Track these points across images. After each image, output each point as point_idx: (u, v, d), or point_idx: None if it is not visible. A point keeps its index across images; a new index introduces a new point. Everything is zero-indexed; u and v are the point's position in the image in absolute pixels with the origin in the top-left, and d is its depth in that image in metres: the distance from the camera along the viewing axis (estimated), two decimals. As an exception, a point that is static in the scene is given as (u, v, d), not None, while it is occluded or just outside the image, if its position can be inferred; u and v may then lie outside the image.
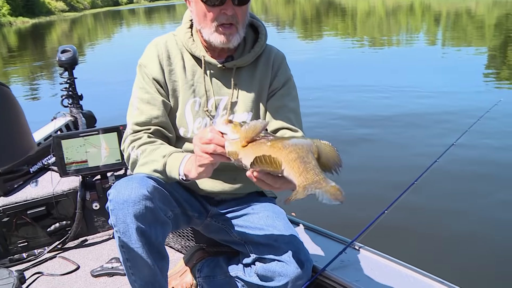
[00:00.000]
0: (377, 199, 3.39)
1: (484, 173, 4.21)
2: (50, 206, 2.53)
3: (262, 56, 1.75)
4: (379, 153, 4.90)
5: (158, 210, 1.52)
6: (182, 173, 1.45)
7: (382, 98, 7.28)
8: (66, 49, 3.28)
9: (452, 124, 5.51)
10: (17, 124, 0.90)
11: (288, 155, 1.12)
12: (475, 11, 26.28)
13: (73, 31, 38.76)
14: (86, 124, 3.25)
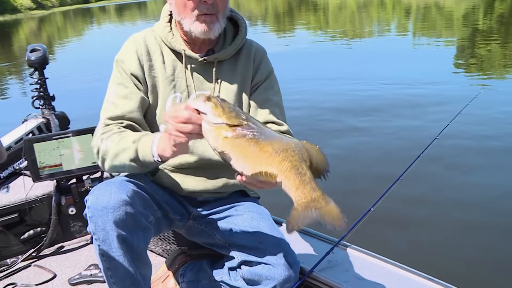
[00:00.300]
0: (362, 196, 3.36)
1: (469, 165, 4.22)
2: (23, 213, 2.43)
3: (243, 49, 1.72)
4: (360, 148, 4.86)
5: (139, 215, 1.46)
6: (156, 154, 1.36)
7: (357, 90, 7.30)
8: (35, 48, 3.16)
9: (432, 116, 5.50)
10: None
11: (281, 164, 1.10)
12: (444, 4, 26.74)
13: (42, 30, 37.84)
14: (59, 126, 3.14)
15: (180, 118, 1.19)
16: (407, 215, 3.41)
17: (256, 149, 1.11)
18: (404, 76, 8.05)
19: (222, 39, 1.71)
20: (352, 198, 3.53)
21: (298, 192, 1.10)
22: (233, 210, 1.75)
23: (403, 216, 3.38)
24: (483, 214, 3.39)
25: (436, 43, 12.26)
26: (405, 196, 3.41)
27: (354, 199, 3.44)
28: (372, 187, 3.58)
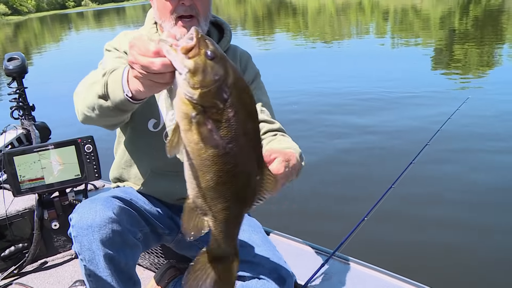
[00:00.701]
0: (355, 206, 3.34)
1: (462, 171, 4.19)
2: (3, 228, 2.35)
3: (228, 53, 1.73)
4: (351, 157, 4.79)
5: (126, 233, 1.41)
6: (127, 89, 1.13)
7: (342, 99, 7.21)
8: (13, 56, 3.07)
9: (420, 123, 5.46)
10: None
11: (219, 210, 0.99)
12: (421, 7, 27.15)
13: (18, 36, 37.22)
14: (40, 137, 3.05)
15: (148, 52, 0.94)
16: (401, 225, 3.37)
17: (207, 161, 0.92)
18: (385, 78, 8.10)
19: None
20: (344, 210, 3.51)
21: (216, 242, 1.04)
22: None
23: (397, 225, 3.34)
24: (480, 225, 3.35)
25: (414, 45, 12.43)
26: (398, 205, 3.37)
27: (346, 211, 3.42)
28: (364, 199, 3.50)
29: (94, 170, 2.20)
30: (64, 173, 2.26)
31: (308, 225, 3.29)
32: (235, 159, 0.92)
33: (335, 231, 2.76)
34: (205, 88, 0.87)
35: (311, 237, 1.87)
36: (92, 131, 2.24)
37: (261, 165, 0.99)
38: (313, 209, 3.64)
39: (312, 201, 3.77)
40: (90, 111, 1.30)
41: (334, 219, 3.38)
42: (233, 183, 0.94)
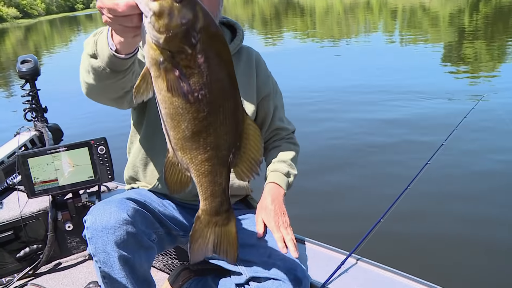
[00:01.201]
0: (372, 207, 3.30)
1: (478, 172, 4.13)
2: (18, 230, 2.36)
3: (242, 52, 1.79)
4: (366, 160, 4.73)
5: (141, 235, 1.40)
6: (111, 43, 1.10)
7: (356, 100, 7.15)
8: (26, 59, 3.09)
9: (436, 123, 5.36)
10: None
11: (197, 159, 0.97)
12: (429, 6, 26.99)
13: (29, 39, 37.54)
14: (52, 138, 3.06)
15: (109, 2, 0.90)
16: (418, 226, 3.32)
17: (180, 109, 0.89)
18: (394, 82, 8.01)
19: None
20: (360, 211, 3.48)
21: (206, 202, 1.05)
22: (237, 223, 1.71)
23: (414, 227, 3.29)
24: (497, 224, 3.30)
25: (423, 44, 12.35)
26: (414, 206, 3.32)
27: (362, 212, 3.39)
28: (380, 200, 3.44)
29: (107, 172, 2.20)
30: (77, 174, 2.27)
31: (324, 226, 3.27)
32: (208, 106, 0.89)
33: (351, 232, 2.74)
34: (171, 32, 0.83)
35: (327, 238, 1.86)
36: (105, 133, 2.25)
37: (241, 115, 0.96)
38: (328, 210, 3.63)
39: (328, 202, 3.75)
40: (87, 75, 1.27)
41: (350, 220, 3.36)
42: (210, 132, 0.92)
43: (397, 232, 3.08)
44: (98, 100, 1.39)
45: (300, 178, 1.80)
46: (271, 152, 1.86)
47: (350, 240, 1.75)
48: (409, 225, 3.25)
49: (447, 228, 3.28)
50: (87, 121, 6.69)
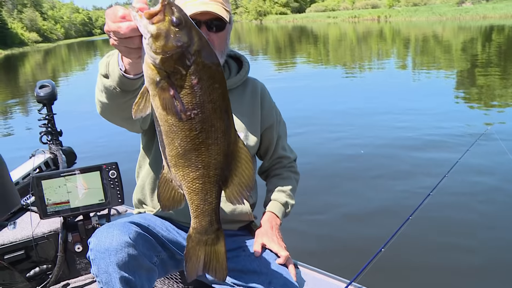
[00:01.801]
0: (373, 236, 3.32)
1: (481, 204, 4.12)
2: (29, 249, 2.42)
3: (248, 84, 1.88)
4: (370, 187, 4.74)
5: (142, 257, 1.46)
6: (121, 64, 1.19)
7: (363, 126, 7.22)
8: (44, 84, 3.21)
9: (441, 153, 5.42)
10: (1, 179, 0.86)
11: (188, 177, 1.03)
12: (442, 36, 27.14)
13: (47, 62, 38.38)
14: (66, 161, 3.16)
15: (113, 25, 0.98)
16: (419, 256, 3.32)
17: (174, 127, 0.95)
18: (405, 110, 8.08)
19: (228, 73, 1.84)
20: (361, 240, 3.49)
21: (196, 220, 1.09)
22: (240, 250, 1.75)
23: (415, 257, 3.29)
24: (499, 253, 3.30)
25: (436, 74, 12.41)
26: (416, 236, 3.32)
27: (364, 241, 3.40)
28: (382, 229, 3.44)
29: (117, 196, 2.26)
30: (89, 197, 2.33)
31: (325, 253, 3.28)
32: (201, 125, 0.95)
33: (352, 259, 2.76)
34: (167, 53, 0.90)
35: (328, 266, 1.89)
36: (117, 157, 2.32)
37: (233, 137, 1.01)
38: (330, 238, 3.64)
39: (329, 230, 3.77)
40: (100, 94, 1.35)
41: (352, 247, 3.37)
42: (201, 150, 0.98)
43: (398, 262, 3.08)
44: (111, 119, 1.47)
45: (303, 203, 1.85)
46: (272, 179, 1.97)
47: (351, 267, 1.77)
48: (410, 255, 3.25)
49: (449, 259, 3.27)
50: (100, 145, 6.81)
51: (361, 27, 46.42)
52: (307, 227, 3.63)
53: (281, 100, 1.93)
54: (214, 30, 1.60)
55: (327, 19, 74.28)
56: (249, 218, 1.85)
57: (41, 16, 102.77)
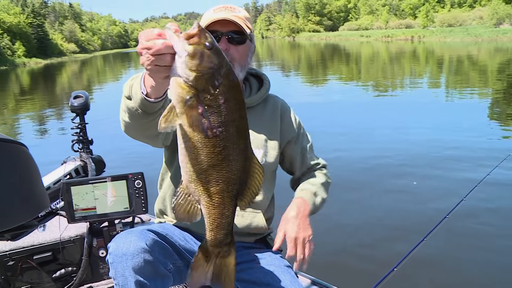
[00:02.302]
0: (387, 256, 3.31)
1: (496, 228, 4.07)
2: (57, 252, 2.53)
3: (268, 101, 1.91)
4: (385, 206, 4.74)
5: (157, 263, 1.51)
6: (143, 87, 1.27)
7: (387, 144, 7.24)
8: (78, 95, 3.36)
9: (461, 175, 5.38)
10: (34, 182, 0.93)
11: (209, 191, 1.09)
12: (477, 57, 26.67)
13: (83, 73, 39.51)
14: (95, 169, 3.28)
15: (149, 42, 1.05)
16: (431, 278, 3.29)
17: (199, 144, 1.02)
18: (437, 130, 8.02)
19: (249, 90, 1.89)
20: (375, 259, 3.49)
21: (212, 233, 1.13)
22: (255, 262, 1.79)
23: (427, 278, 3.26)
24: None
25: (470, 96, 12.22)
26: (429, 258, 3.31)
27: (377, 260, 3.39)
28: (396, 249, 3.49)
29: (142, 204, 2.34)
30: (115, 205, 2.42)
31: (339, 270, 3.28)
32: (224, 142, 1.02)
33: (365, 279, 2.75)
34: (200, 72, 0.98)
35: (341, 282, 1.91)
36: (142, 168, 2.41)
37: (249, 154, 1.08)
38: (344, 255, 3.65)
39: (344, 247, 3.78)
40: (124, 114, 1.45)
41: (365, 266, 3.37)
42: (223, 166, 1.04)
43: (411, 282, 3.06)
44: (134, 137, 1.57)
45: (319, 217, 1.86)
46: (303, 179, 1.96)
47: (363, 285, 1.80)
48: (423, 275, 3.23)
49: (463, 283, 3.24)
50: (128, 155, 7.00)
51: (394, 46, 46.08)
52: (321, 241, 3.63)
53: (308, 115, 1.96)
54: (234, 43, 1.67)
55: (360, 38, 74.07)
56: (264, 231, 1.89)
57: (80, 28, 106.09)
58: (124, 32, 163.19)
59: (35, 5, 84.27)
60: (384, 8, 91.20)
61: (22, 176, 0.90)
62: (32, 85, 29.60)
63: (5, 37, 63.33)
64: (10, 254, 2.42)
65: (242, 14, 1.70)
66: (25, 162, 0.90)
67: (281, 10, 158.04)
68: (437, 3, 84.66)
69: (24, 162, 0.90)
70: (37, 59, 68.52)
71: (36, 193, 0.94)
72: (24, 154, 0.91)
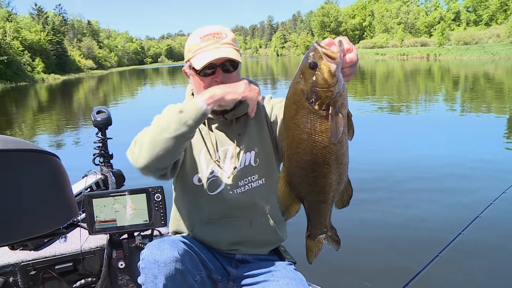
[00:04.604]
0: (400, 271, 3.31)
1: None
2: (77, 262, 2.59)
3: (259, 107, 1.90)
4: (401, 222, 4.75)
5: (187, 273, 1.57)
6: (203, 102, 1.53)
7: (400, 162, 7.24)
8: (101, 110, 3.45)
9: (476, 194, 5.36)
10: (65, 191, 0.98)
11: None
12: (494, 75, 26.49)
13: (99, 89, 40.10)
14: (115, 183, 3.35)
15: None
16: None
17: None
18: (452, 148, 8.00)
19: None
20: (388, 273, 3.49)
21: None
22: (269, 274, 1.83)
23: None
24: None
25: (486, 115, 12.15)
26: (443, 275, 3.28)
27: (391, 275, 3.40)
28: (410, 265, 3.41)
29: (161, 218, 2.39)
30: (134, 217, 2.47)
31: (354, 285, 3.29)
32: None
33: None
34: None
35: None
36: (162, 182, 2.47)
37: None
38: (359, 269, 3.64)
39: (359, 261, 3.77)
40: (153, 141, 1.56)
41: (379, 281, 3.37)
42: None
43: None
44: (148, 169, 1.66)
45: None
46: None
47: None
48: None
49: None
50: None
51: (410, 64, 46.03)
52: (335, 256, 3.64)
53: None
54: (230, 71, 1.72)
55: (375, 56, 74.17)
56: (276, 237, 1.91)
57: (97, 45, 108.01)
58: (140, 49, 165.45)
59: (55, 22, 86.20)
60: (399, 26, 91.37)
61: (55, 185, 0.97)
62: (50, 100, 30.12)
63: (26, 53, 64.82)
64: (32, 264, 2.49)
65: (229, 38, 1.73)
66: (58, 172, 0.97)
67: (296, 28, 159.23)
68: (453, 21, 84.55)
69: (57, 172, 0.97)
70: (55, 75, 69.90)
71: (67, 201, 1.01)
72: (57, 164, 0.98)
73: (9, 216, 0.82)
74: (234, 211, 1.81)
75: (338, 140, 1.12)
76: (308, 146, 1.13)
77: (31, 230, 0.88)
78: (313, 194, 1.22)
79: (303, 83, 1.11)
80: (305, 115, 1.11)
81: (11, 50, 60.02)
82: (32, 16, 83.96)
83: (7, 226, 0.83)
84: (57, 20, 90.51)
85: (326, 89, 1.09)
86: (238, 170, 1.82)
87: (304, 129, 1.12)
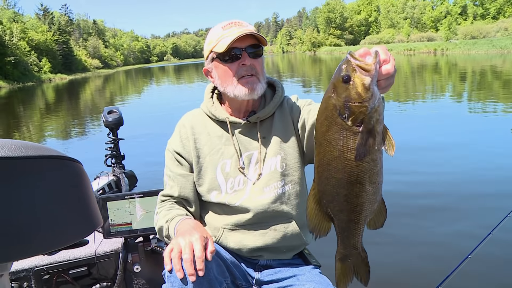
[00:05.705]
0: (428, 275, 3.23)
1: None
2: (92, 266, 2.55)
3: (283, 104, 1.85)
4: (425, 225, 4.60)
5: (214, 281, 1.51)
6: None
7: (416, 162, 7.08)
8: (112, 110, 3.39)
9: (503, 190, 5.22)
10: (89, 199, 0.94)
11: None
12: (502, 69, 26.27)
13: (106, 88, 40.21)
14: (128, 184, 3.31)
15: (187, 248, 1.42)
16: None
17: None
18: (460, 146, 7.88)
19: (263, 101, 1.85)
20: (416, 277, 3.42)
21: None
22: (294, 279, 1.77)
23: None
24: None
25: (493, 110, 12.01)
26: (474, 276, 3.19)
27: (418, 279, 3.33)
28: (437, 268, 3.36)
29: (177, 220, 2.35)
30: (149, 220, 2.42)
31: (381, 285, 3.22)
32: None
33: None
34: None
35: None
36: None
37: None
38: (385, 274, 3.56)
39: (384, 266, 3.70)
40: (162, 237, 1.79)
41: (409, 283, 3.30)
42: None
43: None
44: None
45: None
46: None
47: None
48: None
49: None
50: (158, 171, 7.04)
51: (416, 60, 45.78)
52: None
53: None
54: (254, 56, 1.68)
55: (381, 51, 73.49)
56: (301, 242, 1.84)
57: (103, 44, 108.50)
58: (146, 48, 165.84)
59: (61, 22, 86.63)
60: (406, 21, 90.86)
61: (79, 193, 0.90)
62: (58, 100, 30.23)
63: (32, 54, 65.22)
64: (47, 268, 2.45)
65: (251, 28, 1.72)
66: (81, 178, 0.90)
67: (301, 24, 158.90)
68: (459, 16, 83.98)
69: (80, 178, 0.90)
70: (62, 74, 70.42)
71: (91, 210, 0.94)
72: (80, 171, 0.91)
73: (32, 228, 0.75)
74: (259, 218, 1.74)
75: (372, 158, 1.06)
76: (340, 164, 1.07)
77: (55, 242, 0.82)
78: (344, 213, 1.16)
79: (335, 98, 1.05)
80: (338, 132, 1.05)
81: (18, 51, 60.50)
82: (38, 17, 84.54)
83: (30, 239, 0.76)
84: (63, 20, 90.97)
85: (360, 104, 1.02)
86: (263, 176, 1.75)
87: (336, 146, 1.06)
